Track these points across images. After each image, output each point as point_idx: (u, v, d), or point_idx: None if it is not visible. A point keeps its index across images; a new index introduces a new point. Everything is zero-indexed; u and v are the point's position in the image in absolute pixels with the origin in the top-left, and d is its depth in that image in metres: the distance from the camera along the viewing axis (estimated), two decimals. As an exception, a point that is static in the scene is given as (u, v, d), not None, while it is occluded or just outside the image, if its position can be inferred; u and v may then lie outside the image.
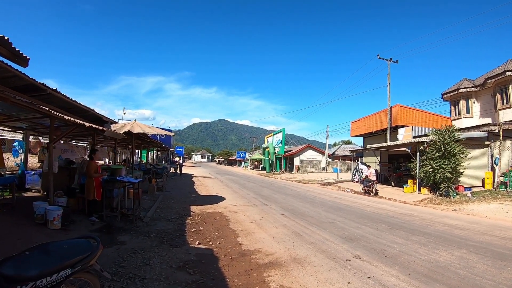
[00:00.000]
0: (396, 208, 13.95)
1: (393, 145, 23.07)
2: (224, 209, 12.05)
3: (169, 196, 15.11)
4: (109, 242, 6.82)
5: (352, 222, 10.04)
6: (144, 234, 7.71)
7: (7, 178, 10.17)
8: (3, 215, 8.33)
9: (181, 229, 8.46)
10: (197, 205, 12.89)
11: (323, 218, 10.59)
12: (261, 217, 10.48)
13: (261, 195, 17.02)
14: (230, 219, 10.04)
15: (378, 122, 32.50)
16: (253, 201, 14.61)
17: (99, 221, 8.73)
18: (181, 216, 10.32)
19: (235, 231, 8.46)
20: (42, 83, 7.39)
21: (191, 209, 11.83)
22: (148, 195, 14.89)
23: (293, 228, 8.85)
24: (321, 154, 57.08)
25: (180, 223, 9.21)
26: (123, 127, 11.06)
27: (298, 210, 12.06)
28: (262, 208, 12.51)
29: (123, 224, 8.66)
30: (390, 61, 30.67)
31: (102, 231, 7.90)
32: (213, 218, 10.14)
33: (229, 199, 15.14)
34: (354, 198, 17.85)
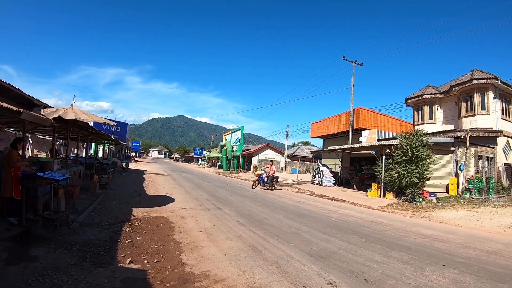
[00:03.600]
0: (363, 214, 13.20)
1: (358, 147, 22.67)
2: (171, 213, 10.74)
3: (112, 195, 13.68)
4: (17, 257, 5.54)
5: (319, 232, 9.01)
6: (66, 246, 6.35)
7: None
8: None
9: (114, 240, 7.13)
10: (141, 207, 11.55)
11: (285, 227, 9.49)
12: (213, 225, 9.23)
13: (215, 197, 15.74)
14: (175, 227, 8.75)
15: (340, 124, 32.55)
16: (206, 203, 13.32)
17: (18, 226, 7.39)
18: (118, 221, 8.99)
19: (180, 243, 7.16)
20: None
21: (132, 212, 10.50)
22: (89, 193, 13.43)
23: (250, 241, 7.63)
24: (280, 154, 56.92)
25: (115, 231, 7.87)
26: (55, 112, 9.59)
27: (256, 216, 10.92)
28: (215, 213, 11.28)
29: (44, 231, 7.29)
30: (356, 63, 30.89)
31: (16, 239, 6.56)
32: (155, 225, 8.83)
33: (179, 200, 13.83)
34: (316, 202, 17.00)
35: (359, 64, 31.18)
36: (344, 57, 30.81)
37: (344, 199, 18.39)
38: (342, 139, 32.70)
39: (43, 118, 8.72)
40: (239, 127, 56.78)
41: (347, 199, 18.32)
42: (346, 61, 31.03)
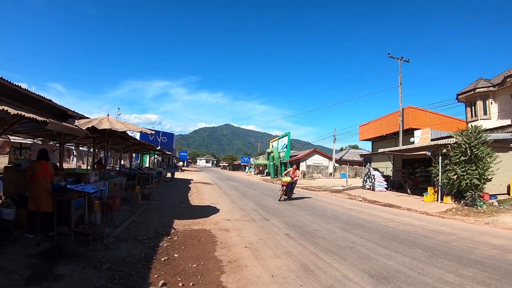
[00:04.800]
0: (422, 222, 12.02)
1: (411, 148, 21.31)
2: (214, 225, 10.12)
3: (154, 206, 13.32)
4: (40, 276, 5.12)
5: (378, 246, 8.01)
6: (95, 264, 5.88)
7: None
8: None
9: (149, 257, 6.56)
10: (183, 218, 11.03)
11: (339, 240, 8.57)
12: (259, 239, 8.44)
13: (262, 206, 14.97)
14: (218, 242, 8.07)
15: (389, 125, 31.09)
16: (252, 214, 12.59)
17: (49, 241, 7.04)
18: (157, 235, 8.47)
19: (221, 262, 6.45)
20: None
21: (173, 224, 9.99)
22: (130, 204, 13.13)
23: (300, 258, 6.77)
24: (328, 159, 55.53)
25: (151, 247, 7.32)
26: (90, 122, 9.26)
27: (307, 228, 10.04)
28: (262, 224, 10.52)
29: (76, 246, 6.92)
30: (402, 60, 29.62)
31: (44, 256, 6.19)
32: (196, 240, 8.21)
33: (224, 211, 13.21)
34: (370, 209, 15.90)
35: (405, 61, 29.94)
36: (389, 54, 29.66)
37: (399, 204, 17.30)
38: (392, 141, 31.18)
39: (74, 128, 8.40)
40: (286, 133, 56.04)
41: (402, 204, 17.23)
42: (391, 58, 29.92)
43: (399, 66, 29.21)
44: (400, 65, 29.26)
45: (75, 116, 10.26)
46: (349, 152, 66.55)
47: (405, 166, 26.27)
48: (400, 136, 27.95)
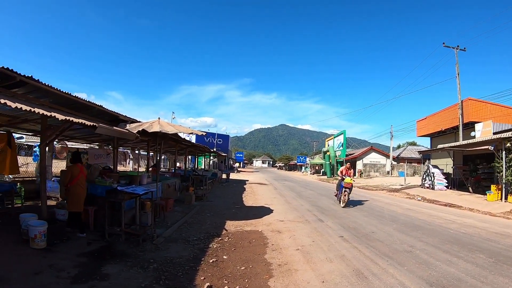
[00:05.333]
0: (486, 223, 11.15)
1: (472, 143, 20.07)
2: (266, 226, 9.92)
3: (208, 207, 13.36)
4: (87, 275, 5.18)
5: (438, 250, 7.41)
6: (143, 264, 5.87)
7: (2, 185, 9.32)
8: None
9: (197, 258, 6.47)
10: (235, 219, 10.94)
11: (396, 243, 8.04)
12: (312, 241, 8.11)
13: (317, 207, 14.58)
14: (269, 244, 7.84)
15: (447, 119, 29.33)
16: (307, 215, 12.23)
17: (100, 240, 7.21)
18: (208, 236, 8.41)
19: (271, 265, 6.21)
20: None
21: (225, 225, 9.91)
22: (184, 206, 13.24)
23: (354, 263, 6.36)
24: (385, 157, 53.72)
25: (201, 248, 7.24)
26: (140, 125, 9.39)
27: (362, 230, 9.58)
28: (316, 226, 10.15)
29: (126, 246, 6.99)
30: (458, 49, 27.86)
31: (93, 255, 6.29)
32: (247, 241, 8.04)
33: (278, 211, 12.98)
34: (429, 209, 15.07)
35: (462, 50, 28.13)
36: (444, 43, 28.07)
37: (460, 204, 16.32)
38: (452, 136, 29.40)
39: (124, 131, 8.57)
40: (341, 131, 54.81)
41: (463, 204, 16.23)
42: (446, 47, 28.19)
43: (456, 56, 27.58)
44: (456, 54, 27.63)
45: (127, 121, 10.49)
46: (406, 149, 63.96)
47: (466, 163, 25.08)
48: (460, 130, 26.32)
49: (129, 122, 10.41)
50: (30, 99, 7.75)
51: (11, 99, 5.72)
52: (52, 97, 8.22)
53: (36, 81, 6.85)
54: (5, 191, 9.39)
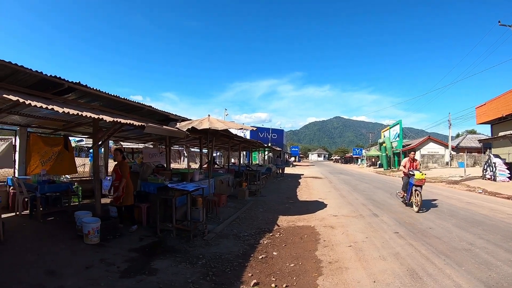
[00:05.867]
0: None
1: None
2: (319, 221, 9.67)
3: (261, 203, 13.29)
4: (136, 269, 5.33)
5: (499, 249, 6.78)
6: (192, 260, 5.89)
7: (59, 185, 9.59)
8: (54, 224, 8.31)
9: (247, 254, 6.41)
10: (288, 214, 10.80)
11: (454, 240, 7.48)
12: (365, 237, 7.77)
13: (372, 201, 14.10)
14: (321, 240, 7.60)
15: (509, 104, 27.05)
16: (361, 209, 11.84)
17: (152, 236, 7.37)
18: (259, 231, 8.32)
19: (321, 262, 5.99)
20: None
21: (277, 221, 9.78)
22: (237, 201, 13.27)
23: (409, 261, 5.95)
24: (443, 146, 50.99)
25: (251, 244, 7.17)
26: (190, 123, 9.49)
27: (419, 225, 9.04)
28: (370, 221, 9.77)
29: (177, 242, 7.06)
30: None
31: (144, 250, 6.44)
32: (299, 237, 7.86)
33: (332, 206, 12.66)
34: (490, 202, 14.04)
35: None
36: (499, 22, 25.60)
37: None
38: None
39: (173, 130, 8.74)
40: (397, 121, 52.88)
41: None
42: (502, 26, 25.67)
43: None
44: (514, 33, 25.07)
45: (177, 119, 10.67)
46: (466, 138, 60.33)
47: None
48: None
49: (179, 121, 10.57)
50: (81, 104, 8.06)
51: (60, 105, 5.94)
52: (103, 101, 8.52)
53: (84, 86, 7.09)
54: (62, 190, 9.78)
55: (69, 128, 10.97)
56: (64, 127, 10.75)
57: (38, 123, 10.19)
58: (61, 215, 9.13)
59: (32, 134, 10.74)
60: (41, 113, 8.34)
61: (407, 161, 12.52)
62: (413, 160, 12.47)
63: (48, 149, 11.07)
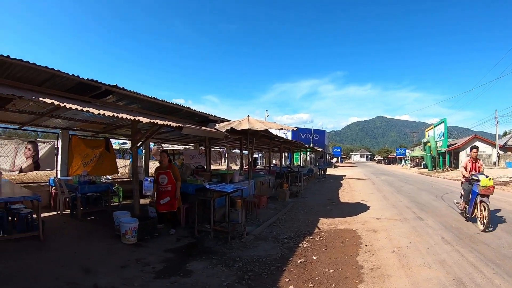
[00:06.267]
0: None
1: None
2: (361, 225, 9.28)
3: (302, 204, 13.00)
4: (171, 270, 5.28)
5: None
6: (228, 262, 5.74)
7: (98, 186, 9.83)
8: (93, 223, 8.59)
9: (285, 258, 6.15)
10: (329, 217, 10.45)
11: (504, 247, 6.88)
12: (409, 242, 7.31)
13: (417, 203, 13.43)
14: (363, 244, 7.24)
15: None
16: (405, 212, 11.28)
17: (189, 237, 7.32)
18: (299, 234, 8.04)
19: (362, 268, 5.64)
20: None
21: (318, 223, 9.47)
22: (278, 203, 13.08)
23: (455, 270, 5.49)
24: (490, 146, 48.31)
25: (290, 247, 6.91)
26: (229, 124, 9.39)
27: (466, 230, 8.44)
28: (415, 224, 9.25)
29: (214, 243, 6.95)
30: None
31: (180, 251, 6.39)
32: (340, 241, 7.53)
33: (375, 208, 12.20)
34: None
35: None
36: None
37: None
38: None
39: (211, 131, 8.67)
40: (441, 119, 50.68)
41: None
42: None
43: None
44: None
45: (216, 121, 10.63)
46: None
47: None
48: None
49: (219, 122, 10.52)
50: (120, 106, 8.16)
51: (97, 107, 5.99)
52: (141, 103, 8.60)
53: (121, 88, 7.15)
54: (102, 190, 10.05)
55: (110, 131, 11.27)
56: (105, 129, 11.05)
57: (80, 126, 10.57)
58: (101, 214, 9.37)
59: (74, 136, 11.16)
60: (81, 116, 8.57)
61: (468, 161, 9.94)
62: (475, 160, 9.84)
63: (90, 151, 11.44)
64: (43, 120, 9.29)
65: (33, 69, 5.83)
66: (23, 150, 10.00)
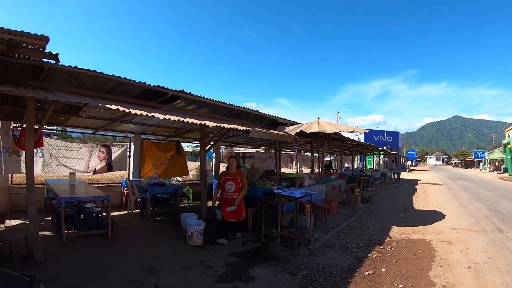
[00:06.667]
0: None
1: None
2: (436, 235, 8.65)
3: (373, 210, 12.50)
4: (233, 275, 5.24)
5: None
6: (292, 270, 5.55)
7: (167, 188, 10.18)
8: (161, 223, 8.88)
9: (352, 269, 5.85)
10: (402, 225, 9.89)
11: None
12: (487, 258, 6.63)
13: (496, 212, 12.30)
14: (436, 257, 6.70)
15: None
16: (483, 222, 10.35)
17: (255, 241, 7.28)
18: (368, 243, 7.66)
19: (434, 285, 5.16)
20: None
21: (390, 232, 9.00)
22: (349, 208, 12.69)
23: None
24: None
25: (358, 257, 6.57)
26: (299, 127, 9.25)
27: (554, 246, 7.55)
28: (494, 237, 8.41)
29: (279, 249, 6.82)
30: None
31: (245, 255, 6.34)
32: (411, 252, 7.05)
33: (451, 217, 11.34)
34: None
35: None
36: None
37: None
38: None
39: (279, 134, 8.64)
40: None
41: None
42: None
43: None
44: None
45: (286, 123, 10.52)
46: None
47: None
48: None
49: (288, 125, 10.40)
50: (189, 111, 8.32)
51: (163, 112, 6.16)
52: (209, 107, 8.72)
53: (187, 94, 7.29)
54: (171, 192, 10.37)
55: (180, 134, 11.75)
56: (175, 133, 11.55)
57: (151, 130, 11.19)
58: (169, 215, 9.64)
59: (145, 140, 11.79)
60: (151, 121, 8.94)
61: None
62: None
63: (161, 154, 12.00)
64: (115, 125, 9.93)
65: (101, 77, 6.09)
66: (97, 153, 10.72)
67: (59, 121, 9.56)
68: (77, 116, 8.02)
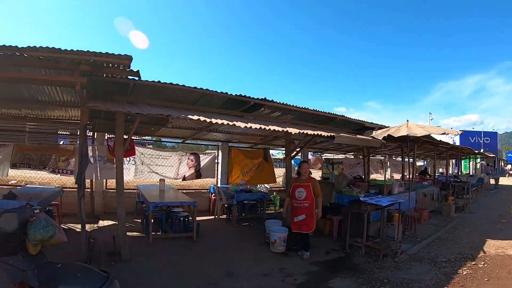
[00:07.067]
0: None
1: None
2: (538, 252, 7.93)
3: (468, 221, 11.65)
4: (311, 285, 5.23)
5: None
6: (374, 284, 5.41)
7: (254, 194, 10.48)
8: (245, 229, 9.19)
9: (438, 286, 5.54)
10: (498, 238, 9.08)
11: None
12: None
13: None
14: (535, 278, 6.15)
15: None
16: None
17: (339, 251, 7.23)
18: (460, 257, 7.16)
19: None
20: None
21: (484, 245, 8.33)
22: (442, 218, 12.02)
23: None
24: None
25: (447, 273, 6.19)
26: (387, 131, 9.01)
27: None
28: None
29: (363, 260, 6.68)
30: None
31: (327, 265, 6.33)
32: (506, 270, 6.46)
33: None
34: None
35: None
36: None
37: None
38: None
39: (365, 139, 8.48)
40: None
41: None
42: None
43: None
44: None
45: (373, 128, 10.29)
46: None
47: None
48: None
49: (376, 129, 10.16)
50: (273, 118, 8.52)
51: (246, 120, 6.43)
52: (294, 114, 8.82)
53: (270, 101, 7.48)
54: (257, 199, 10.57)
55: (267, 142, 12.07)
56: (262, 140, 11.90)
57: (238, 138, 11.64)
58: (255, 221, 9.92)
59: (233, 148, 12.32)
60: (236, 129, 9.38)
61: None
62: None
63: (248, 161, 12.42)
64: (202, 134, 10.53)
65: (183, 90, 6.50)
66: (186, 161, 11.37)
67: (150, 132, 10.40)
68: (165, 127, 8.74)
